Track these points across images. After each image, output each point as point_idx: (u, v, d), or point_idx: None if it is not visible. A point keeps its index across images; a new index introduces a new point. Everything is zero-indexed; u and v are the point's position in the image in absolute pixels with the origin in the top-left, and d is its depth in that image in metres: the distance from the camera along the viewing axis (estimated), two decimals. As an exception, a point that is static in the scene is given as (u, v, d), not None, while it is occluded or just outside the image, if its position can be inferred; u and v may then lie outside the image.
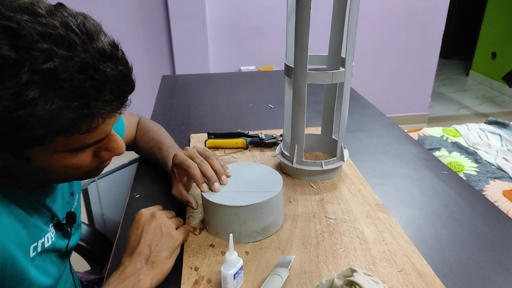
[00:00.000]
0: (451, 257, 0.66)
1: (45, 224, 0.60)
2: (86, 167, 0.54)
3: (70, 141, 0.48)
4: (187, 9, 2.45)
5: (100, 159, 0.56)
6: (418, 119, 3.20)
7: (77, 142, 0.49)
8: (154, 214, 0.63)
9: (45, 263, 0.60)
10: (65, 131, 0.45)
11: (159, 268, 0.58)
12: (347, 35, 0.77)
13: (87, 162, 0.54)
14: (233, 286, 0.56)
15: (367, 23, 2.76)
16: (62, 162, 0.50)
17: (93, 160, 0.55)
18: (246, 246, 0.67)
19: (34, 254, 0.56)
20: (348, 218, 0.75)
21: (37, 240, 0.57)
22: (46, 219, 0.61)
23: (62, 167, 0.51)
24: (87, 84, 0.44)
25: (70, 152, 0.50)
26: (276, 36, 2.70)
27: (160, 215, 0.63)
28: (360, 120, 1.23)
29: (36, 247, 0.57)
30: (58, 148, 0.48)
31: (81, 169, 0.54)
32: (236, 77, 1.72)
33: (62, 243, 0.65)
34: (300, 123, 0.83)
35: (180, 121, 1.22)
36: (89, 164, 0.54)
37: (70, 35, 0.44)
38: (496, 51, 3.88)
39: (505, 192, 1.31)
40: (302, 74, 0.78)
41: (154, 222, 0.62)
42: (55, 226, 0.64)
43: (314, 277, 0.61)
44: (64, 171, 0.52)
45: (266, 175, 0.73)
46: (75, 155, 0.51)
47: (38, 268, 0.58)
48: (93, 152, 0.55)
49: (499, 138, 1.70)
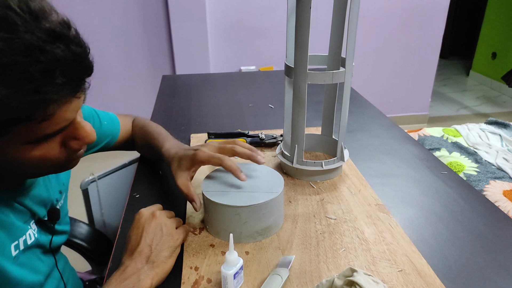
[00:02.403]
0: (451, 257, 0.66)
1: (24, 222, 0.59)
2: (56, 159, 0.51)
3: (29, 131, 0.45)
4: (187, 9, 2.45)
5: (70, 149, 0.53)
6: (418, 119, 3.20)
7: (37, 132, 0.46)
8: (154, 214, 0.63)
9: (32, 260, 0.60)
10: (18, 120, 0.42)
11: (159, 267, 0.58)
12: (347, 35, 0.77)
13: (55, 153, 0.51)
14: (233, 286, 0.56)
15: (367, 23, 2.76)
16: (28, 155, 0.47)
17: (62, 151, 0.52)
18: (246, 246, 0.67)
19: (17, 252, 0.56)
20: (348, 218, 0.75)
21: (18, 238, 0.56)
22: (25, 217, 0.60)
23: (29, 161, 0.48)
24: (33, 68, 0.40)
25: (34, 144, 0.47)
26: (276, 36, 2.70)
27: (160, 215, 0.63)
28: (360, 120, 1.23)
29: (17, 245, 0.56)
30: (19, 139, 0.45)
31: (51, 161, 0.51)
32: (236, 77, 1.72)
33: (46, 239, 0.64)
34: (300, 123, 0.83)
35: (180, 121, 1.22)
36: (58, 156, 0.51)
37: (11, 15, 0.40)
38: (496, 51, 3.88)
39: (505, 192, 1.31)
40: (302, 74, 0.78)
41: (154, 221, 0.61)
42: (36, 223, 0.63)
43: (314, 277, 0.61)
44: (32, 164, 0.49)
45: (267, 175, 0.73)
46: (39, 146, 0.48)
47: (24, 266, 0.57)
48: (60, 142, 0.51)
49: (499, 138, 1.70)
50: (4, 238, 0.54)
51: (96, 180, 1.17)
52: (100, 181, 1.19)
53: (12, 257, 0.55)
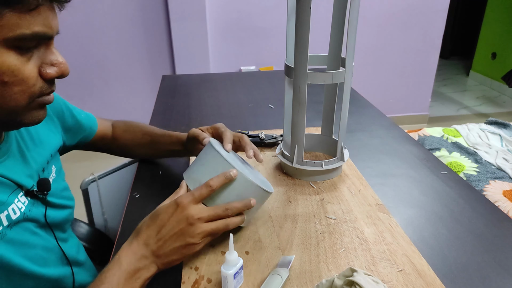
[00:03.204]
0: (451, 257, 0.66)
1: (9, 195, 0.56)
2: (31, 84, 0.49)
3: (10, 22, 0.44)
4: (187, 9, 2.45)
5: (45, 77, 0.51)
6: (418, 119, 3.20)
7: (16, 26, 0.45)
8: (189, 220, 0.57)
9: (24, 235, 0.58)
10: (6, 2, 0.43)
11: (162, 264, 0.57)
12: (347, 35, 0.77)
13: (31, 74, 0.49)
14: (233, 286, 0.56)
15: (367, 23, 2.76)
16: (7, 63, 0.46)
17: (37, 78, 0.50)
18: (246, 246, 0.67)
19: (1, 228, 0.54)
20: (348, 218, 0.75)
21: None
22: (8, 189, 0.57)
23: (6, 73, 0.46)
24: None
25: (15, 50, 0.46)
26: (276, 36, 2.70)
27: (194, 223, 0.57)
28: (360, 120, 1.23)
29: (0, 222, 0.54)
30: (2, 33, 0.44)
31: (25, 84, 0.49)
32: (236, 77, 1.72)
33: (38, 212, 0.62)
34: (300, 123, 0.83)
35: (180, 121, 1.22)
36: (34, 81, 0.50)
37: None
38: (496, 51, 3.88)
39: (505, 192, 1.31)
40: (302, 74, 0.78)
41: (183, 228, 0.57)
42: (26, 194, 0.60)
43: (314, 277, 0.61)
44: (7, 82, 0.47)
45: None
46: (19, 56, 0.47)
47: (14, 243, 0.55)
48: (37, 66, 0.50)
49: (499, 138, 1.71)
50: None
51: (96, 180, 1.17)
52: (100, 181, 1.19)
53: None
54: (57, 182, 0.70)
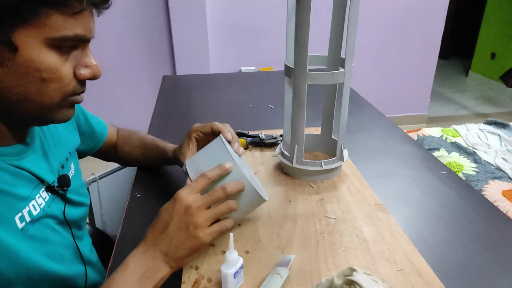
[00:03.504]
0: (451, 256, 0.66)
1: (32, 189, 0.57)
2: (66, 82, 0.52)
3: (54, 23, 0.47)
4: (187, 9, 2.45)
5: (79, 78, 0.54)
6: (417, 119, 3.20)
7: (60, 27, 0.48)
8: (188, 210, 0.56)
9: (44, 231, 0.58)
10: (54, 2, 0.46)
11: (174, 263, 0.56)
12: (346, 36, 0.77)
13: (67, 74, 0.52)
14: (233, 285, 0.57)
15: (367, 24, 2.77)
16: (48, 61, 0.49)
17: (72, 78, 0.53)
18: (246, 245, 0.68)
19: (24, 224, 0.54)
20: (348, 218, 0.75)
21: (21, 210, 0.54)
22: (31, 184, 0.58)
23: (46, 71, 0.49)
24: None
25: (51, 47, 0.49)
26: (276, 36, 2.70)
27: (194, 213, 0.56)
28: (360, 120, 1.23)
29: (22, 217, 0.54)
30: (42, 31, 0.47)
31: (61, 82, 0.52)
32: (237, 77, 1.72)
33: (57, 208, 0.62)
34: (300, 123, 0.83)
35: (180, 121, 1.23)
36: (69, 80, 0.53)
37: None
38: (496, 52, 3.89)
39: (504, 192, 1.32)
40: (302, 75, 0.78)
41: (184, 219, 0.56)
42: (47, 190, 0.61)
43: (314, 276, 0.61)
44: (46, 79, 0.50)
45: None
46: (59, 56, 0.50)
47: (35, 238, 0.56)
48: (73, 66, 0.53)
49: (498, 138, 1.71)
50: (5, 210, 0.52)
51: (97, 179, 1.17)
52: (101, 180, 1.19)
53: (19, 230, 0.53)
54: (75, 179, 0.71)
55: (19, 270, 0.53)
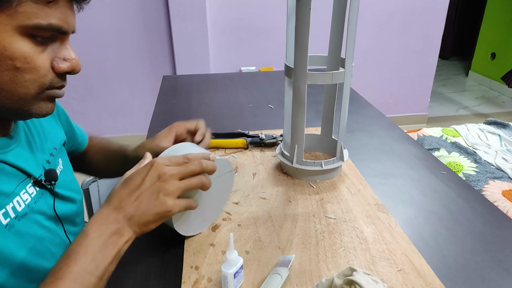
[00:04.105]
0: (451, 256, 0.66)
1: (17, 185, 0.56)
2: (42, 74, 0.51)
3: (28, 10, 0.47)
4: (187, 9, 2.45)
5: (56, 71, 0.53)
6: (417, 119, 3.20)
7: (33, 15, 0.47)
8: (162, 177, 0.56)
9: (31, 227, 0.57)
10: None
11: (138, 228, 0.55)
12: (347, 36, 0.77)
13: (43, 65, 0.51)
14: (233, 285, 0.57)
15: (367, 24, 2.77)
16: (21, 49, 0.48)
17: (49, 70, 0.52)
18: (246, 245, 0.68)
19: (8, 220, 0.53)
20: (348, 218, 0.75)
21: (4, 206, 0.53)
22: (16, 180, 0.57)
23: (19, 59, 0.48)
24: None
25: (30, 39, 0.49)
26: (276, 36, 2.71)
27: (167, 180, 0.56)
28: (360, 120, 1.23)
29: (6, 213, 0.53)
30: (19, 20, 0.47)
31: (36, 73, 0.51)
32: (237, 77, 1.72)
33: (45, 204, 0.61)
34: (300, 123, 0.83)
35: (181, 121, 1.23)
36: (45, 72, 0.51)
37: None
38: (496, 52, 3.89)
39: (504, 192, 1.32)
40: (302, 75, 0.78)
41: (156, 185, 0.55)
42: (34, 184, 0.60)
43: (314, 276, 0.61)
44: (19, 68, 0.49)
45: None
46: (34, 45, 0.49)
47: (21, 235, 0.55)
48: (51, 60, 0.52)
49: (498, 138, 1.71)
50: None
51: (97, 180, 1.17)
52: (101, 181, 1.19)
53: (3, 226, 0.52)
54: (65, 174, 0.70)
55: (2, 266, 0.52)
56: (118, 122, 2.80)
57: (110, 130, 2.79)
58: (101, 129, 2.70)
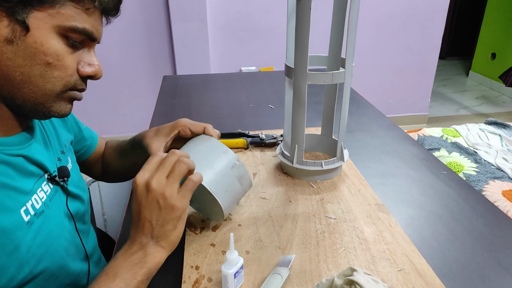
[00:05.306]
0: (451, 256, 0.66)
1: (34, 183, 0.58)
2: (69, 73, 0.55)
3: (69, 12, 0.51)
4: (188, 9, 2.45)
5: (81, 74, 0.56)
6: (417, 119, 3.20)
7: (72, 17, 0.52)
8: (149, 186, 0.55)
9: (48, 225, 0.58)
10: None
11: (165, 241, 0.55)
12: (347, 36, 0.77)
13: (71, 65, 0.55)
14: (233, 285, 0.57)
15: (367, 24, 2.77)
16: (55, 47, 0.52)
17: (74, 71, 0.55)
18: (246, 245, 0.68)
19: (29, 217, 0.54)
20: (348, 218, 0.75)
21: (24, 204, 0.54)
22: (34, 178, 0.58)
23: (52, 55, 0.52)
24: None
25: (64, 40, 0.53)
26: (276, 36, 2.70)
27: (155, 186, 0.55)
28: (360, 121, 1.23)
29: (27, 211, 0.55)
30: (59, 20, 0.51)
31: (64, 71, 0.54)
32: (237, 77, 1.72)
33: (60, 202, 0.63)
34: (300, 123, 0.83)
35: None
36: (72, 72, 0.55)
37: None
38: (496, 52, 3.89)
39: (504, 192, 1.32)
40: (302, 75, 0.78)
41: (149, 196, 0.55)
42: (49, 181, 0.61)
43: (314, 276, 0.61)
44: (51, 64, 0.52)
45: None
46: (66, 46, 0.53)
47: (39, 231, 0.56)
48: (77, 60, 0.56)
49: (499, 138, 1.71)
50: (11, 203, 0.52)
51: (97, 180, 1.17)
52: (101, 181, 1.19)
53: (25, 223, 0.53)
54: (74, 172, 0.71)
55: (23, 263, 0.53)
56: (118, 122, 2.80)
57: (110, 130, 2.79)
58: (101, 129, 2.70)
